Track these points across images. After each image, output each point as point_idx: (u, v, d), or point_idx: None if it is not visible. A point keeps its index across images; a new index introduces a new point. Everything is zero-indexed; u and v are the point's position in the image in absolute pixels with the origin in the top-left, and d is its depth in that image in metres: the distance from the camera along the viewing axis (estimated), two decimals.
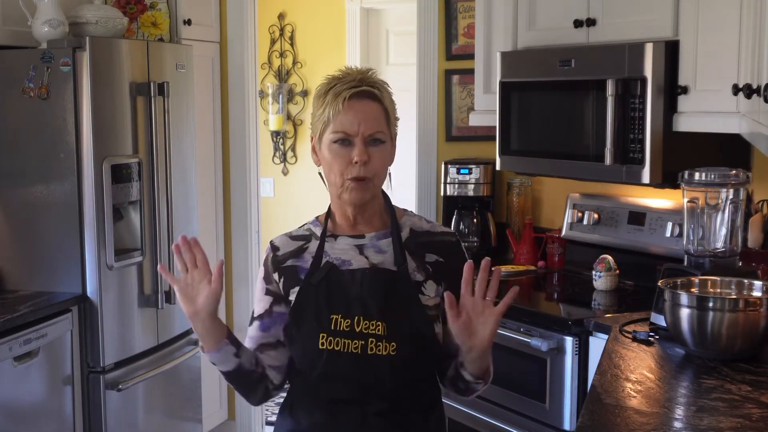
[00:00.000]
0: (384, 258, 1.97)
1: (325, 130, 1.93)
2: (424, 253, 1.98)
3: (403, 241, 1.99)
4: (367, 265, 1.96)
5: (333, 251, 1.99)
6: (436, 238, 2.01)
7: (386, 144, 1.94)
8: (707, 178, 2.60)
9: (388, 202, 2.04)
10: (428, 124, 4.21)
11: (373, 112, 1.92)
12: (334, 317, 1.91)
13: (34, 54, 3.47)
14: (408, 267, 1.95)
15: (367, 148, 1.90)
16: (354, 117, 1.90)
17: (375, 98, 1.93)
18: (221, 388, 4.68)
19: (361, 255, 1.98)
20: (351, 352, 1.89)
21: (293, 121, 6.13)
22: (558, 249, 3.74)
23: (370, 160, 1.90)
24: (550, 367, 3.03)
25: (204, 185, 4.41)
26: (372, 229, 2.00)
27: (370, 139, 1.91)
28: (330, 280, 1.95)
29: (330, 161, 1.93)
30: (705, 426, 1.88)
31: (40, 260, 3.54)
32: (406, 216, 2.04)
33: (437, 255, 1.98)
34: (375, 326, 1.90)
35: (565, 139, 3.35)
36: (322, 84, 1.96)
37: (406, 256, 1.96)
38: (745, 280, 2.50)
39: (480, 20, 3.78)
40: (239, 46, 4.57)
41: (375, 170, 1.92)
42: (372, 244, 1.99)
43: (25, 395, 3.24)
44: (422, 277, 1.96)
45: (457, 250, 2.02)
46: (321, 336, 1.91)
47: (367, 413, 1.92)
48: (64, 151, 3.47)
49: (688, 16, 2.91)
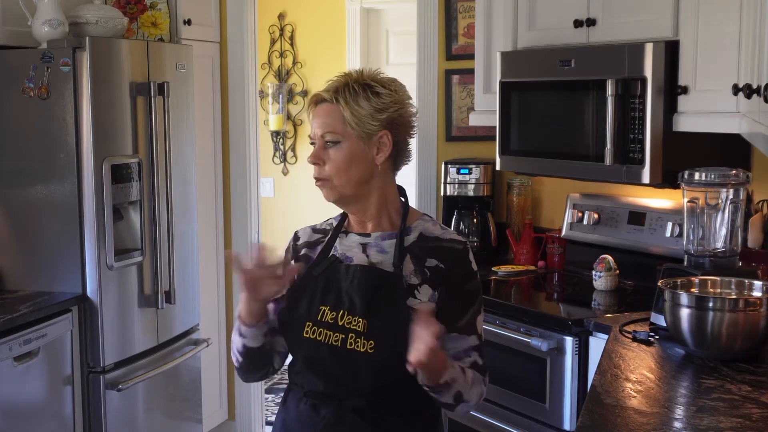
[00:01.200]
0: (384, 258, 1.99)
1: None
2: (425, 257, 1.99)
3: (409, 244, 2.00)
4: (365, 263, 1.99)
5: (342, 246, 2.04)
6: (443, 244, 2.01)
7: (343, 144, 1.96)
8: (707, 178, 2.60)
9: (405, 205, 2.06)
10: (428, 124, 4.22)
11: (327, 115, 1.98)
12: (323, 308, 1.97)
13: (34, 54, 3.47)
14: (404, 269, 1.96)
15: (326, 151, 1.97)
16: (315, 122, 2.00)
17: (334, 101, 1.98)
18: (221, 388, 4.69)
19: (363, 253, 2.01)
20: (331, 344, 1.94)
21: (293, 121, 6.13)
22: (558, 249, 3.74)
23: (324, 161, 1.97)
24: (550, 367, 3.03)
25: (204, 185, 4.41)
26: (380, 229, 2.03)
27: (325, 141, 1.97)
28: (329, 273, 2.00)
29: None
30: (705, 426, 1.89)
31: (40, 260, 3.54)
32: (420, 220, 2.05)
33: (439, 260, 1.98)
34: (356, 322, 1.93)
35: (565, 139, 3.35)
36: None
37: (404, 259, 1.97)
38: (745, 280, 2.50)
39: (480, 20, 3.78)
40: (239, 46, 4.57)
41: (329, 172, 1.97)
42: (375, 244, 2.01)
43: (25, 395, 3.24)
44: (418, 281, 1.97)
45: (460, 259, 2.00)
46: (307, 324, 1.97)
47: (344, 408, 1.95)
48: (64, 151, 3.47)
49: (688, 16, 2.91)
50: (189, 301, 4.08)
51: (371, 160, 1.98)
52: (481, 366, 1.99)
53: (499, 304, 3.30)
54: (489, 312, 3.27)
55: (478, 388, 1.97)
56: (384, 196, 2.02)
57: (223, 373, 4.69)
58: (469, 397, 1.95)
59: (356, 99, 1.96)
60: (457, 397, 1.94)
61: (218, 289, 4.64)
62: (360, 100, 1.96)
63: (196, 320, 4.16)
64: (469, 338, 1.98)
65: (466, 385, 1.94)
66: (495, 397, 3.24)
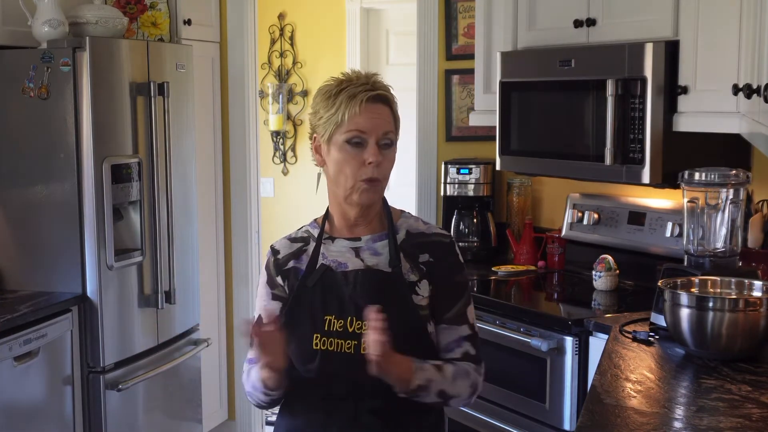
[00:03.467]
0: (379, 260, 1.99)
1: (336, 131, 1.94)
2: (417, 254, 2.00)
3: (399, 243, 2.01)
4: (362, 267, 1.98)
5: (330, 253, 2.02)
6: (430, 239, 2.03)
7: (393, 147, 1.98)
8: (707, 178, 2.60)
9: (386, 204, 2.06)
10: (428, 124, 4.22)
11: (385, 115, 1.96)
12: (328, 318, 1.95)
13: (34, 54, 3.46)
14: (402, 268, 1.97)
15: (380, 150, 1.94)
16: (369, 118, 1.93)
17: (387, 102, 1.97)
18: (221, 388, 4.69)
19: (357, 257, 2.00)
20: (344, 351, 1.93)
21: (293, 121, 6.13)
22: (558, 249, 3.74)
23: (382, 161, 1.94)
24: (550, 367, 3.03)
25: (204, 185, 4.41)
26: (369, 232, 2.03)
27: (382, 141, 1.94)
28: (324, 282, 1.98)
29: (341, 162, 1.95)
30: (705, 426, 1.88)
31: (40, 260, 3.54)
32: (403, 218, 2.07)
33: (429, 255, 2.00)
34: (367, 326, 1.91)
35: (565, 139, 3.35)
36: (329, 86, 1.98)
37: (401, 258, 1.98)
38: (745, 280, 2.50)
39: (480, 20, 3.78)
40: (239, 46, 4.57)
41: (385, 172, 1.96)
42: (368, 247, 2.01)
43: (25, 395, 3.24)
44: (416, 278, 1.98)
45: (448, 251, 2.03)
46: (315, 337, 1.95)
47: (360, 410, 1.94)
48: (64, 151, 3.47)
49: (688, 16, 2.91)
50: (189, 301, 4.08)
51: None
52: (473, 356, 1.99)
53: (499, 304, 3.30)
54: (489, 312, 3.27)
55: (465, 381, 1.96)
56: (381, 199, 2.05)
57: (223, 373, 4.69)
58: (456, 392, 1.95)
59: (397, 103, 2.00)
60: (441, 395, 1.94)
61: (218, 289, 4.64)
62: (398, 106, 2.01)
63: (196, 320, 4.16)
64: (459, 328, 1.99)
65: (446, 381, 1.93)
66: (495, 397, 3.24)
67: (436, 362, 1.94)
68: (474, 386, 1.98)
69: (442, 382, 1.93)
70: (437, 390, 1.93)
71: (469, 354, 1.99)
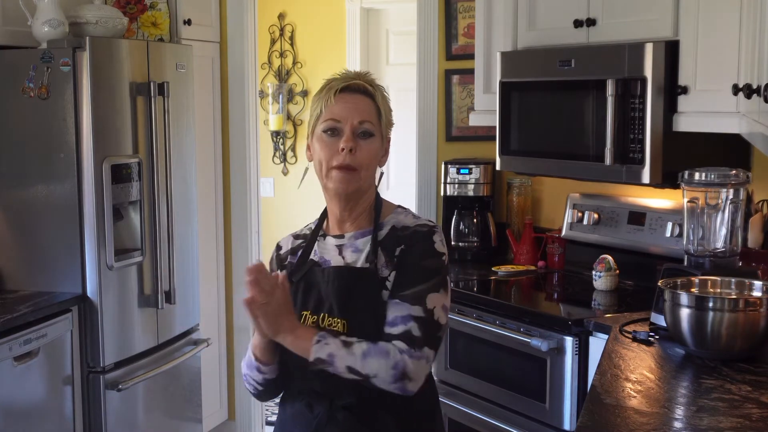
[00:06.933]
0: (358, 257, 2.00)
1: (317, 123, 1.98)
2: (395, 247, 1.98)
3: (381, 238, 1.99)
4: (341, 264, 1.99)
5: (320, 250, 2.05)
6: (410, 230, 1.99)
7: (375, 138, 1.97)
8: (707, 178, 2.60)
9: (378, 200, 2.06)
10: (428, 124, 4.21)
11: (363, 104, 1.97)
12: (304, 313, 1.98)
13: (34, 54, 3.47)
14: (378, 264, 1.96)
15: (356, 139, 1.94)
16: (344, 106, 1.95)
17: (367, 93, 1.98)
18: (221, 388, 4.69)
19: (339, 255, 2.02)
20: None
21: (293, 121, 6.13)
22: (558, 249, 3.74)
23: (357, 149, 1.94)
24: (550, 367, 3.03)
25: (204, 185, 4.41)
26: (356, 228, 2.03)
27: (360, 130, 1.95)
28: (308, 278, 2.01)
29: (318, 152, 1.97)
30: (705, 426, 1.88)
31: (40, 260, 3.54)
32: (393, 214, 2.05)
33: (404, 245, 1.97)
34: (336, 323, 1.94)
35: (565, 139, 3.35)
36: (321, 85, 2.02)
37: (377, 254, 1.97)
38: (745, 280, 2.50)
39: (480, 20, 3.78)
40: (239, 46, 4.57)
41: (361, 161, 1.95)
42: (350, 244, 2.02)
43: (25, 395, 3.24)
44: (389, 272, 1.96)
45: (422, 238, 1.96)
46: None
47: (335, 406, 1.95)
48: (64, 151, 3.47)
49: (688, 16, 2.91)
50: (189, 301, 4.08)
51: (379, 160, 2.01)
52: (416, 337, 1.88)
53: (499, 304, 3.30)
54: (489, 312, 3.27)
55: (381, 360, 1.86)
56: (370, 195, 2.04)
57: (223, 373, 4.69)
58: (370, 371, 1.86)
59: (386, 99, 2.00)
60: (352, 371, 1.87)
61: (218, 289, 4.64)
62: (388, 102, 2.00)
63: (196, 320, 4.16)
64: (412, 307, 1.90)
65: (352, 358, 1.86)
66: (495, 397, 3.24)
67: (348, 339, 1.89)
68: (398, 368, 1.86)
69: (348, 358, 1.86)
70: (344, 366, 1.86)
71: (411, 334, 1.88)
